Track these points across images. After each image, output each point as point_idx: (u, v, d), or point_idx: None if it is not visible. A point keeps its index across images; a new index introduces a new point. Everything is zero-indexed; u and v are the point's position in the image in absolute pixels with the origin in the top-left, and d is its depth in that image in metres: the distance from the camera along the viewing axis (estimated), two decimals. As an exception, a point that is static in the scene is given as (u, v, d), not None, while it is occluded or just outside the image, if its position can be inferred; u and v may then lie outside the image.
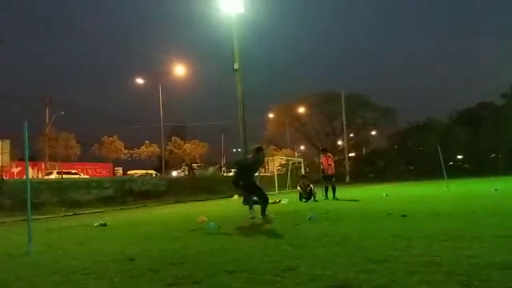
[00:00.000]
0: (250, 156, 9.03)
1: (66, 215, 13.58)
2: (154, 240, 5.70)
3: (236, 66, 27.24)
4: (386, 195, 14.46)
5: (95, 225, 8.50)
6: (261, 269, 3.37)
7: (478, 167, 48.31)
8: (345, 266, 3.32)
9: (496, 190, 13.41)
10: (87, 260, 4.30)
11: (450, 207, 8.19)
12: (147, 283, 3.11)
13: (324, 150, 14.08)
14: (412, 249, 3.87)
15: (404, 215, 6.88)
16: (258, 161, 8.68)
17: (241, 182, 8.25)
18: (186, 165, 44.14)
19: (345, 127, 54.22)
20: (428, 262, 3.25)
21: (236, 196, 20.19)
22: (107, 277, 3.39)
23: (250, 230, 6.37)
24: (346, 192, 16.96)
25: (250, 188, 8.21)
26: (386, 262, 3.36)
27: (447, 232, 4.76)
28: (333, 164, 13.77)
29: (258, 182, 8.77)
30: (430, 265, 3.15)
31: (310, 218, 7.07)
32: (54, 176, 34.37)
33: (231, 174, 44.36)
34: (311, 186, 13.29)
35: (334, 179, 13.59)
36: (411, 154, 58.91)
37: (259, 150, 8.67)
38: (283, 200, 13.38)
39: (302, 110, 58.87)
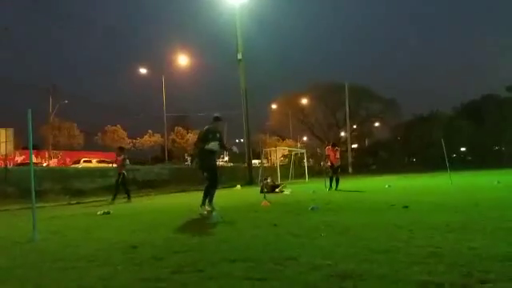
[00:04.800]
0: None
1: (69, 203, 13.65)
2: (157, 229, 5.73)
3: (239, 56, 27.16)
4: (389, 186, 14.49)
5: (99, 213, 8.55)
6: (262, 258, 3.39)
7: (481, 160, 48.22)
8: (346, 256, 3.34)
9: (499, 182, 13.40)
10: (91, 248, 4.33)
11: (453, 199, 8.20)
12: (150, 271, 3.14)
13: (333, 145, 14.20)
14: (414, 240, 3.88)
15: (406, 206, 6.89)
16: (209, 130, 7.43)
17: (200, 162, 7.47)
18: (190, 155, 44.22)
19: (348, 119, 54.06)
20: (430, 252, 3.26)
21: (238, 186, 20.26)
22: (111, 264, 3.43)
23: (252, 220, 6.39)
24: (348, 183, 16.99)
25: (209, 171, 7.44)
26: (387, 252, 3.38)
27: (449, 224, 4.77)
28: (339, 157, 13.92)
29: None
30: (431, 256, 3.16)
31: (312, 209, 7.10)
32: (81, 165, 34.72)
33: (232, 164, 44.39)
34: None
35: (339, 170, 13.75)
36: (414, 146, 58.75)
37: (216, 118, 7.67)
38: (286, 190, 13.42)
39: (305, 101, 58.69)
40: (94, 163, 37.07)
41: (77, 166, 33.83)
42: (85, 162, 37.76)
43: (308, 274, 2.83)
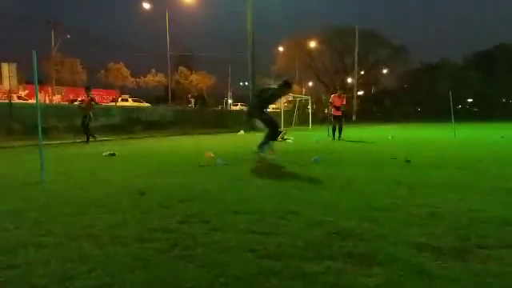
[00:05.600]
0: (272, 86, 8.02)
1: (74, 142, 13.84)
2: (163, 174, 5.85)
3: (247, -5, 26.09)
4: (392, 137, 14.55)
5: (104, 154, 8.69)
6: (266, 211, 3.49)
7: (487, 112, 47.86)
8: (347, 212, 3.43)
9: (503, 137, 13.42)
10: (98, 192, 4.45)
11: (455, 155, 8.25)
12: (158, 220, 3.25)
13: (341, 90, 14.01)
14: (414, 198, 3.96)
15: (408, 161, 6.96)
16: (275, 94, 7.82)
17: (255, 113, 7.77)
18: (193, 96, 44.01)
19: (356, 64, 53.02)
20: (429, 213, 3.34)
21: (242, 131, 20.37)
22: (119, 211, 3.54)
23: (256, 168, 6.50)
24: (351, 132, 17.05)
25: (263, 120, 7.69)
26: (388, 210, 3.46)
27: (450, 182, 4.84)
28: (345, 103, 13.78)
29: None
30: (430, 216, 3.24)
31: (314, 160, 7.18)
32: (118, 103, 37.85)
33: (237, 107, 44.29)
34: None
35: (343, 119, 13.66)
36: (420, 96, 58.17)
37: (287, 84, 7.89)
38: (289, 138, 13.49)
39: (313, 44, 57.22)
40: (131, 102, 40.43)
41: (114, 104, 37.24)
42: (122, 100, 41.28)
43: (310, 230, 2.93)
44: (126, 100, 41.71)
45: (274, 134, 7.75)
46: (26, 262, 2.37)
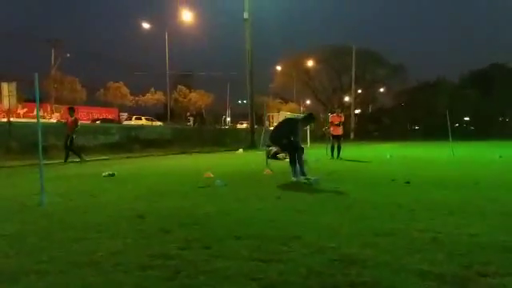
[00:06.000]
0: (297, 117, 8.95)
1: (73, 161, 13.80)
2: (162, 196, 5.85)
3: (246, 15, 26.49)
4: (390, 156, 14.59)
5: (103, 175, 8.68)
6: (268, 236, 3.48)
7: (484, 130, 48.07)
8: (349, 237, 3.43)
9: (501, 156, 13.46)
10: (99, 215, 4.44)
11: (454, 175, 8.28)
12: (159, 245, 3.24)
13: (339, 108, 14.23)
14: (415, 222, 3.96)
15: (408, 182, 6.98)
16: (299, 126, 7.99)
17: (284, 141, 7.78)
18: (191, 115, 44.19)
19: (353, 83, 53.47)
20: (431, 238, 3.34)
21: (241, 150, 20.41)
22: (120, 236, 3.53)
23: (255, 189, 6.49)
24: (350, 151, 17.07)
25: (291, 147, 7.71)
26: (389, 235, 3.46)
27: (450, 205, 4.85)
28: (343, 121, 14.00)
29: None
30: (432, 242, 3.25)
31: (314, 180, 7.18)
32: (133, 122, 41.08)
33: (242, 126, 44.42)
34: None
35: (341, 139, 13.76)
36: (418, 114, 58.53)
37: (311, 117, 8.70)
38: (287, 158, 13.48)
39: (311, 63, 57.79)
40: (144, 121, 42.94)
41: (129, 122, 40.31)
42: (136, 119, 43.65)
43: (312, 256, 2.92)
44: (140, 119, 43.70)
45: (299, 156, 7.58)
46: (27, 291, 2.36)
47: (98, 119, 40.46)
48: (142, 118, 44.50)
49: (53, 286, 2.42)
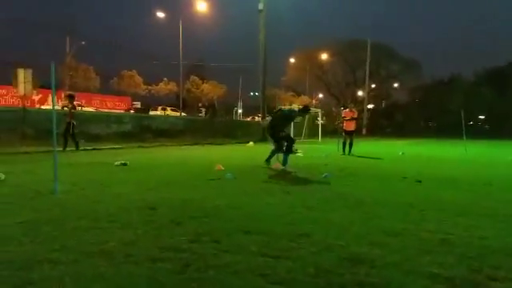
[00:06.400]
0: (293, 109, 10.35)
1: (85, 149, 13.98)
2: (173, 187, 5.90)
3: (261, 6, 26.35)
4: (403, 153, 14.48)
5: (116, 164, 8.77)
6: (277, 232, 3.50)
7: (499, 129, 47.31)
8: (359, 236, 3.42)
9: (515, 157, 13.26)
10: (111, 205, 4.50)
11: (466, 175, 8.19)
12: (170, 237, 3.28)
13: (352, 103, 14.19)
14: (426, 222, 3.94)
15: (419, 181, 6.93)
16: (291, 116, 9.37)
17: (282, 134, 8.79)
18: (204, 106, 44.27)
19: (367, 77, 52.99)
20: (441, 240, 3.33)
21: (251, 143, 20.42)
22: (131, 227, 3.58)
23: (265, 184, 6.51)
24: (362, 147, 16.96)
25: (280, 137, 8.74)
26: (399, 235, 3.45)
27: (461, 206, 4.81)
28: (356, 117, 13.90)
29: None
30: (442, 244, 3.23)
31: (325, 176, 7.18)
32: (158, 112, 40.80)
33: (248, 118, 44.47)
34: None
35: (353, 134, 13.67)
36: (432, 111, 57.86)
37: (307, 109, 9.73)
38: (299, 152, 13.47)
39: (325, 56, 57.36)
40: (169, 111, 42.98)
41: (156, 112, 39.79)
42: (162, 109, 43.46)
43: (320, 254, 2.93)
44: (165, 109, 43.92)
45: (289, 146, 8.66)
46: (41, 279, 2.42)
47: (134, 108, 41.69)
48: (168, 108, 44.57)
49: (65, 274, 2.47)
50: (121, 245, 3.07)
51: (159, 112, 41.21)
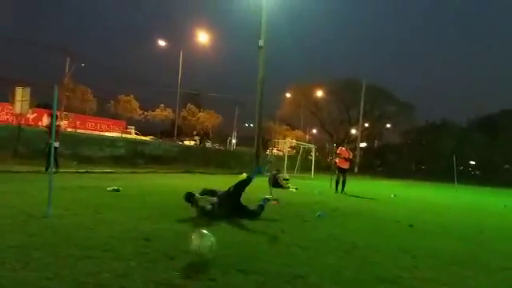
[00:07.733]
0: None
1: (77, 171, 13.88)
2: (167, 217, 5.84)
3: (261, 43, 26.94)
4: (395, 196, 14.51)
5: (108, 189, 8.72)
6: (272, 272, 3.48)
7: (489, 176, 47.74)
8: (352, 282, 3.42)
9: (505, 206, 13.36)
10: (104, 233, 4.46)
11: (458, 222, 8.24)
12: (164, 272, 3.24)
13: (348, 144, 14.34)
14: (419, 271, 3.95)
15: (411, 225, 6.96)
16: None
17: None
18: (197, 134, 44.35)
19: (361, 117, 53.72)
20: (435, 290, 3.33)
21: (244, 174, 20.37)
22: (124, 258, 3.54)
23: (259, 220, 6.47)
24: (354, 185, 16.98)
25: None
26: (393, 283, 3.45)
27: (454, 255, 4.83)
28: (351, 157, 14.04)
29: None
30: (436, 295, 3.23)
31: (319, 215, 7.18)
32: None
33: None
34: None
35: (347, 173, 13.75)
36: (423, 153, 58.48)
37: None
38: (292, 187, 13.50)
39: (320, 93, 58.27)
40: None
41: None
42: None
43: (316, 299, 2.92)
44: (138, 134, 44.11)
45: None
46: (33, 310, 2.38)
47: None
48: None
49: (58, 306, 2.44)
50: (114, 276, 3.03)
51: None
